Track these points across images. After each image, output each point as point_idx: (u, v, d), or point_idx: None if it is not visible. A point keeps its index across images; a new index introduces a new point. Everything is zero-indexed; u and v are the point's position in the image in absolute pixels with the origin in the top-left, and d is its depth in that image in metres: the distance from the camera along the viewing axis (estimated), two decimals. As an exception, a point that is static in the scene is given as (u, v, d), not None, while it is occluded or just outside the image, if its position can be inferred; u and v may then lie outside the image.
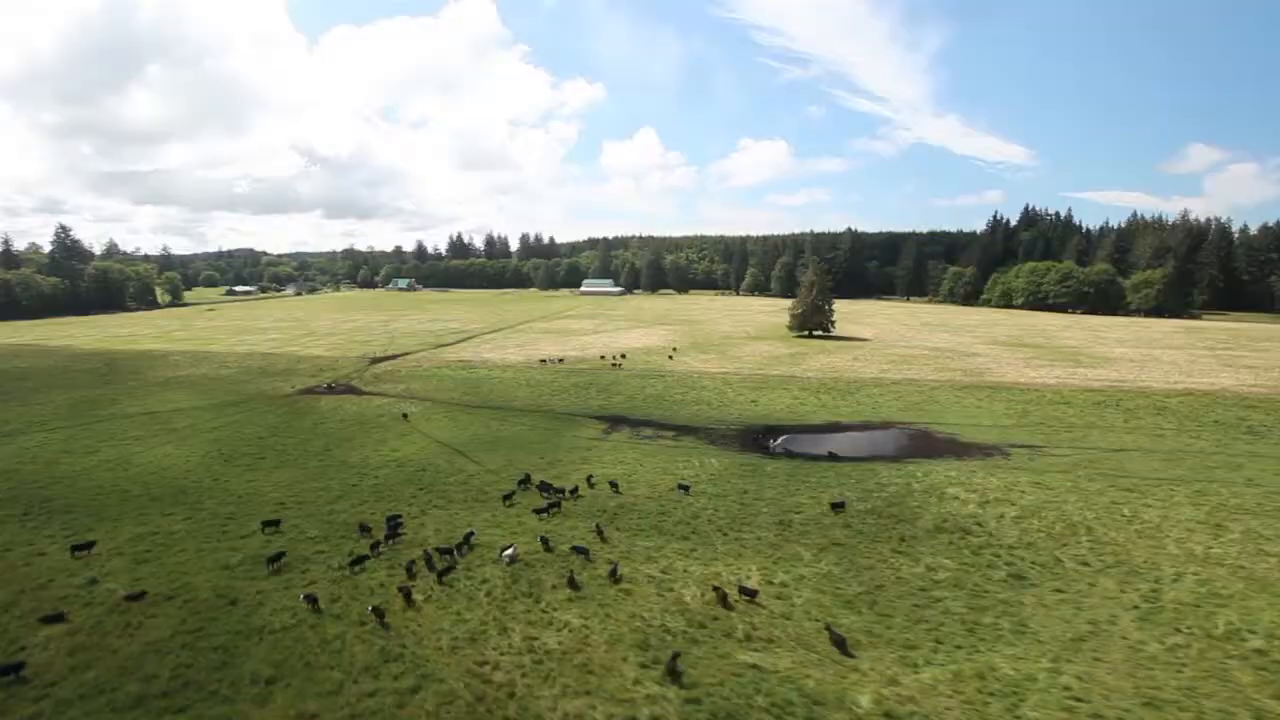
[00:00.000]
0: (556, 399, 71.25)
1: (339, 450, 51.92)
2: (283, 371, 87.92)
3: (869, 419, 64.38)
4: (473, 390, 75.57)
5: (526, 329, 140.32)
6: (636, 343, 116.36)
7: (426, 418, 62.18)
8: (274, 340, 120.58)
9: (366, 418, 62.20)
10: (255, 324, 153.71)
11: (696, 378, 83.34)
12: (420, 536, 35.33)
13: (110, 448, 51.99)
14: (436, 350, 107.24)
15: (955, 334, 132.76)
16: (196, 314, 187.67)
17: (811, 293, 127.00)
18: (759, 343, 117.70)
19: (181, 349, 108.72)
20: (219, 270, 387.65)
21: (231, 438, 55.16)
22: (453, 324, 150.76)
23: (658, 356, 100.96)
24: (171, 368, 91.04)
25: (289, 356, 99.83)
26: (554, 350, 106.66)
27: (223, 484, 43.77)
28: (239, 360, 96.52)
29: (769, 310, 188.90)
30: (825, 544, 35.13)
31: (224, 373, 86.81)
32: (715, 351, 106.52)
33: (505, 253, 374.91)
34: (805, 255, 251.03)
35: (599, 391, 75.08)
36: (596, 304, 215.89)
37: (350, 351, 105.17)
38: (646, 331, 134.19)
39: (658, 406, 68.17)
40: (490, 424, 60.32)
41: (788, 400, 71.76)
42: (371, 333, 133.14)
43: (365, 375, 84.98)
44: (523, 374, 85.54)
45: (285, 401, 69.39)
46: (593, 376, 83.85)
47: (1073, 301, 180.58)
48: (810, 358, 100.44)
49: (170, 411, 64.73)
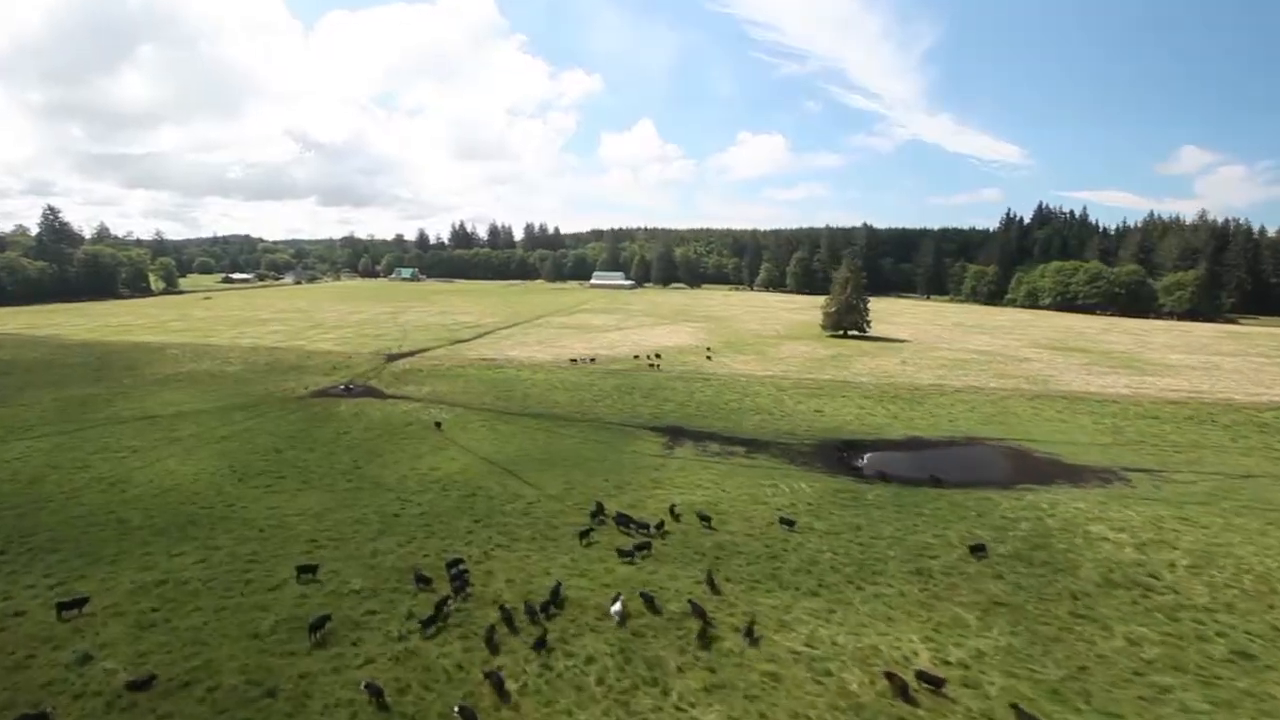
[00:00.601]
0: (601, 405, 64.63)
1: (370, 467, 45.19)
2: (292, 369, 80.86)
3: (951, 434, 58.12)
4: (505, 394, 68.82)
5: (545, 324, 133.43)
6: (666, 341, 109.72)
7: (462, 427, 55.45)
8: (279, 333, 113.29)
9: (394, 426, 55.42)
10: (256, 314, 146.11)
11: (745, 382, 76.87)
12: (491, 589, 28.78)
13: (104, 461, 45.07)
14: (455, 347, 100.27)
15: (993, 336, 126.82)
16: (193, 302, 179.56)
17: (846, 290, 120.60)
18: (794, 343, 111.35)
19: (179, 341, 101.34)
20: (214, 257, 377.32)
21: (243, 450, 48.30)
22: (465, 317, 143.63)
23: (693, 356, 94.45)
24: (170, 363, 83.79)
25: (297, 352, 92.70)
26: (581, 348, 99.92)
27: (239, 511, 37.01)
28: (243, 355, 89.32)
29: (791, 307, 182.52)
30: (985, 603, 28.81)
31: (228, 370, 79.66)
32: (752, 352, 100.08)
33: (509, 243, 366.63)
34: (821, 250, 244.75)
35: (644, 397, 68.51)
36: (610, 297, 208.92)
37: (362, 346, 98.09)
38: (672, 329, 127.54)
39: (715, 416, 61.68)
40: (535, 435, 53.67)
41: (853, 410, 65.42)
42: (381, 326, 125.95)
43: (383, 374, 78.05)
44: (555, 375, 78.81)
45: (299, 405, 62.49)
46: (632, 379, 77.23)
47: (1102, 303, 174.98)
48: (855, 360, 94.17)
49: (171, 416, 57.73)
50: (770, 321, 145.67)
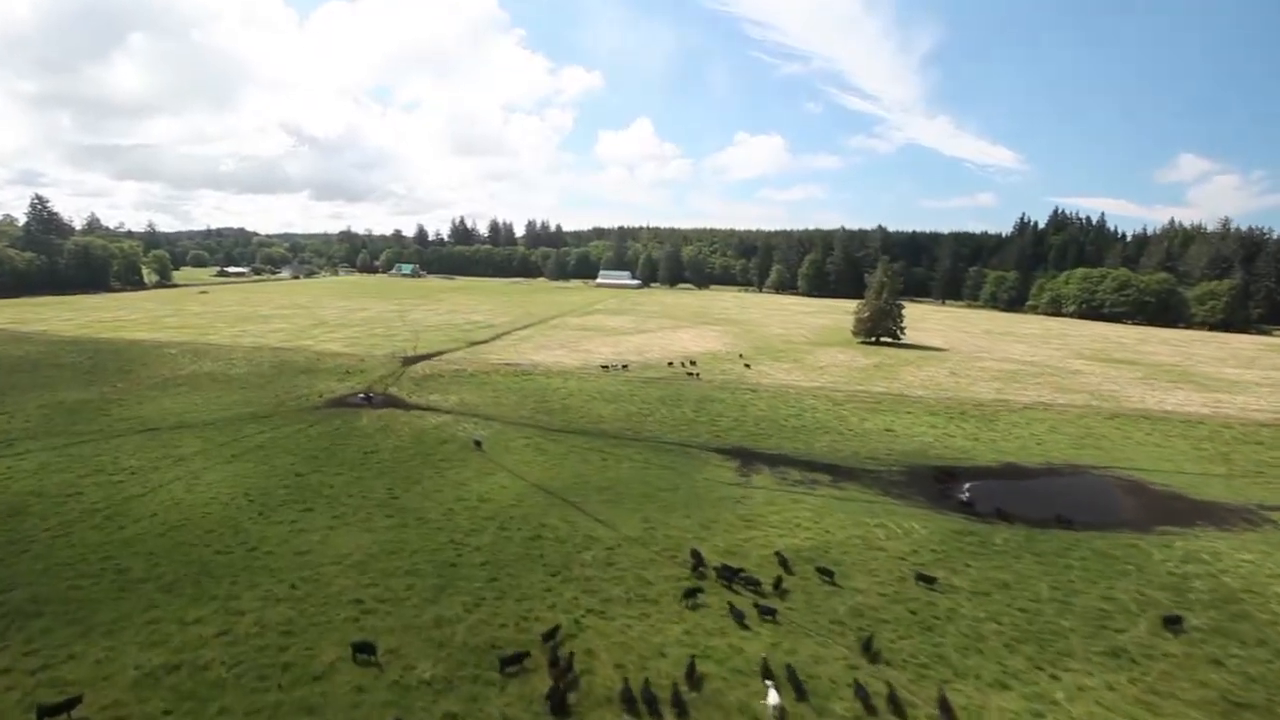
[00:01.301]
0: (651, 421, 58.44)
1: (409, 496, 38.86)
2: (302, 372, 74.23)
3: (1046, 459, 52.30)
4: (542, 405, 62.54)
5: (560, 325, 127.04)
6: (694, 346, 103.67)
7: (504, 446, 49.16)
8: (282, 332, 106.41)
9: (427, 443, 49.05)
10: (256, 310, 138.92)
11: (795, 394, 70.91)
12: (600, 677, 22.61)
13: (98, 487, 38.53)
14: (473, 349, 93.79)
15: (1031, 345, 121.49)
16: (188, 297, 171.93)
17: (881, 295, 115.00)
18: (828, 349, 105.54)
19: (177, 339, 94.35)
20: (208, 250, 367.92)
21: (259, 473, 41.85)
22: (476, 316, 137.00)
23: (729, 364, 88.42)
24: (168, 364, 76.96)
25: (305, 353, 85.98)
26: (608, 352, 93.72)
27: (263, 558, 30.64)
28: (247, 356, 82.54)
29: (808, 310, 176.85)
30: (1219, 702, 22.91)
31: (232, 373, 72.93)
32: (789, 360, 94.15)
33: (510, 240, 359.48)
34: (835, 253, 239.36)
35: (694, 411, 62.39)
36: (620, 297, 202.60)
37: (374, 348, 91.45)
38: (696, 332, 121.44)
39: (780, 435, 55.62)
40: (589, 458, 47.43)
41: (924, 428, 59.57)
42: (389, 325, 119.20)
43: (403, 381, 71.55)
44: (589, 383, 72.57)
45: (316, 417, 55.97)
46: (673, 389, 71.12)
47: (1130, 311, 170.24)
48: (901, 370, 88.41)
49: (173, 429, 51.13)
50: (793, 326, 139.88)
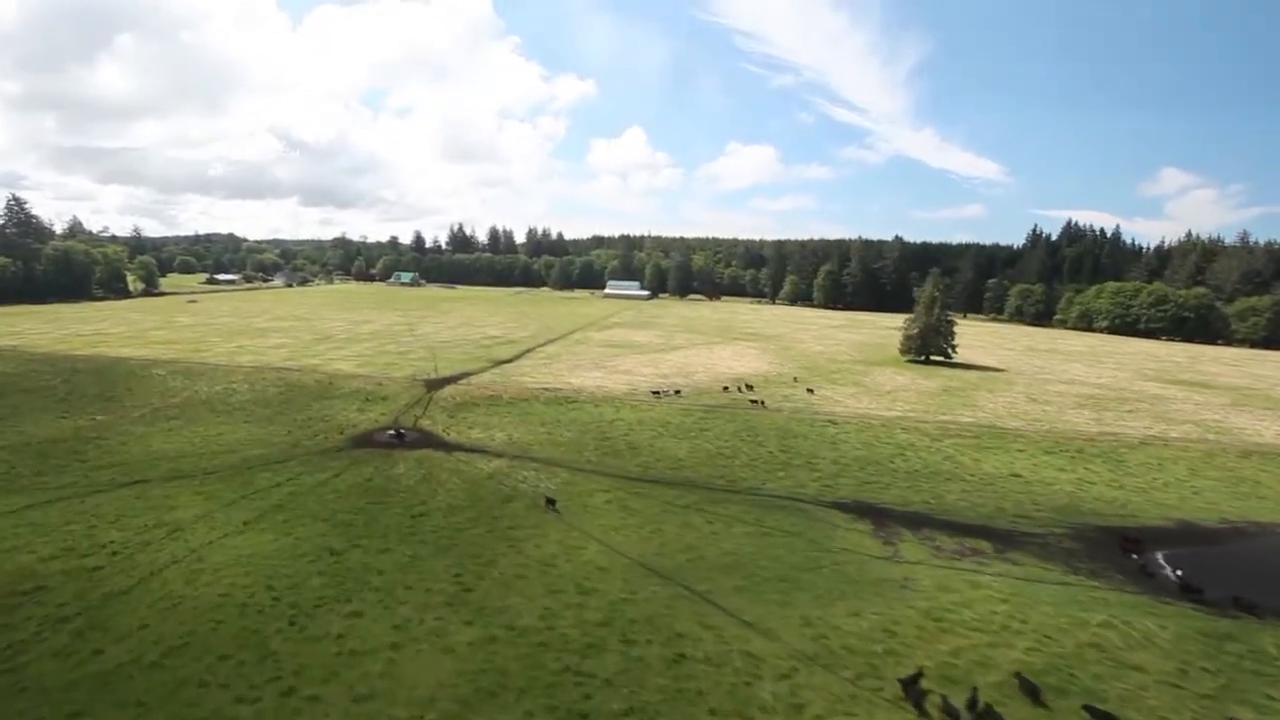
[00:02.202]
0: (739, 464, 49.43)
1: (486, 587, 29.54)
2: (315, 399, 64.58)
3: (1222, 515, 43.80)
4: (604, 442, 53.32)
5: (584, 340, 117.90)
6: (740, 366, 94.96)
7: (580, 503, 39.94)
8: (283, 348, 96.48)
9: (485, 500, 39.72)
10: (251, 322, 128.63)
11: (882, 427, 62.26)
12: None
13: (65, 578, 28.87)
14: (501, 370, 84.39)
15: (1087, 364, 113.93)
16: (176, 306, 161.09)
17: (933, 310, 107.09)
18: (881, 370, 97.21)
19: (167, 357, 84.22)
20: (195, 256, 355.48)
21: (283, 550, 32.34)
22: (491, 330, 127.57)
23: (786, 388, 79.73)
24: (157, 389, 67.01)
25: (314, 375, 76.23)
26: (651, 374, 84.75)
27: (305, 708, 21.25)
28: (248, 379, 72.68)
29: (836, 324, 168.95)
30: None
31: (233, 400, 63.11)
32: (848, 382, 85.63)
33: (510, 248, 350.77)
34: (851, 264, 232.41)
35: (781, 449, 53.49)
36: (634, 309, 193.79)
37: (391, 369, 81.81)
38: (733, 350, 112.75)
39: (895, 481, 46.83)
40: (690, 518, 38.33)
41: (1051, 472, 51.03)
42: (400, 340, 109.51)
43: (432, 410, 62.09)
44: (647, 413, 63.50)
45: (342, 462, 46.45)
46: (744, 420, 62.22)
47: (1169, 328, 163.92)
48: (975, 396, 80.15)
49: (166, 480, 41.43)
50: (829, 342, 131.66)
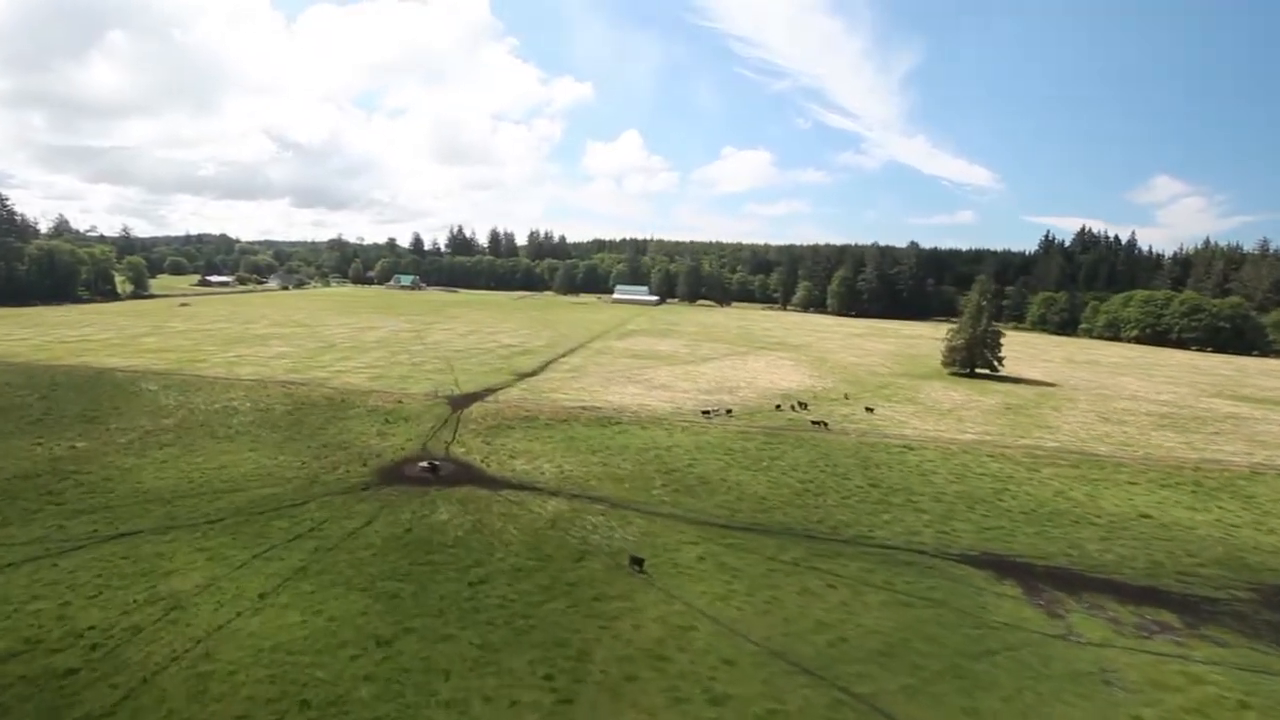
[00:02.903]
0: (831, 503, 42.37)
1: (589, 693, 22.25)
2: (329, 420, 57.09)
3: None
4: (670, 476, 46.12)
5: (606, 350, 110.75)
6: (781, 379, 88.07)
7: (670, 561, 32.74)
8: (285, 357, 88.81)
9: (555, 558, 32.45)
10: (248, 328, 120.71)
11: (966, 454, 55.42)
12: None
13: (24, 689, 21.44)
14: (527, 384, 77.05)
15: (1141, 379, 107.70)
16: (168, 309, 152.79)
17: (980, 321, 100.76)
18: (930, 384, 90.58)
19: (159, 368, 76.45)
20: (187, 257, 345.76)
21: (314, 638, 24.97)
22: (505, 338, 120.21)
23: (841, 405, 72.89)
24: (148, 406, 59.34)
25: (323, 389, 68.73)
26: (687, 388, 77.75)
27: None
28: (251, 395, 65.11)
29: (860, 332, 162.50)
30: None
31: (235, 422, 55.49)
32: (902, 399, 78.85)
33: (511, 250, 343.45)
34: (867, 269, 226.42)
35: (869, 481, 46.52)
36: (648, 316, 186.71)
37: (407, 381, 74.35)
38: (767, 362, 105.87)
39: (1016, 525, 39.89)
40: (808, 581, 31.22)
41: (1182, 512, 44.29)
42: (409, 349, 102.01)
43: (463, 433, 54.73)
44: (704, 438, 56.40)
45: (372, 504, 39.08)
46: (815, 446, 55.23)
47: (1203, 338, 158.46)
48: (1044, 415, 73.59)
49: (161, 529, 33.95)
50: (859, 352, 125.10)
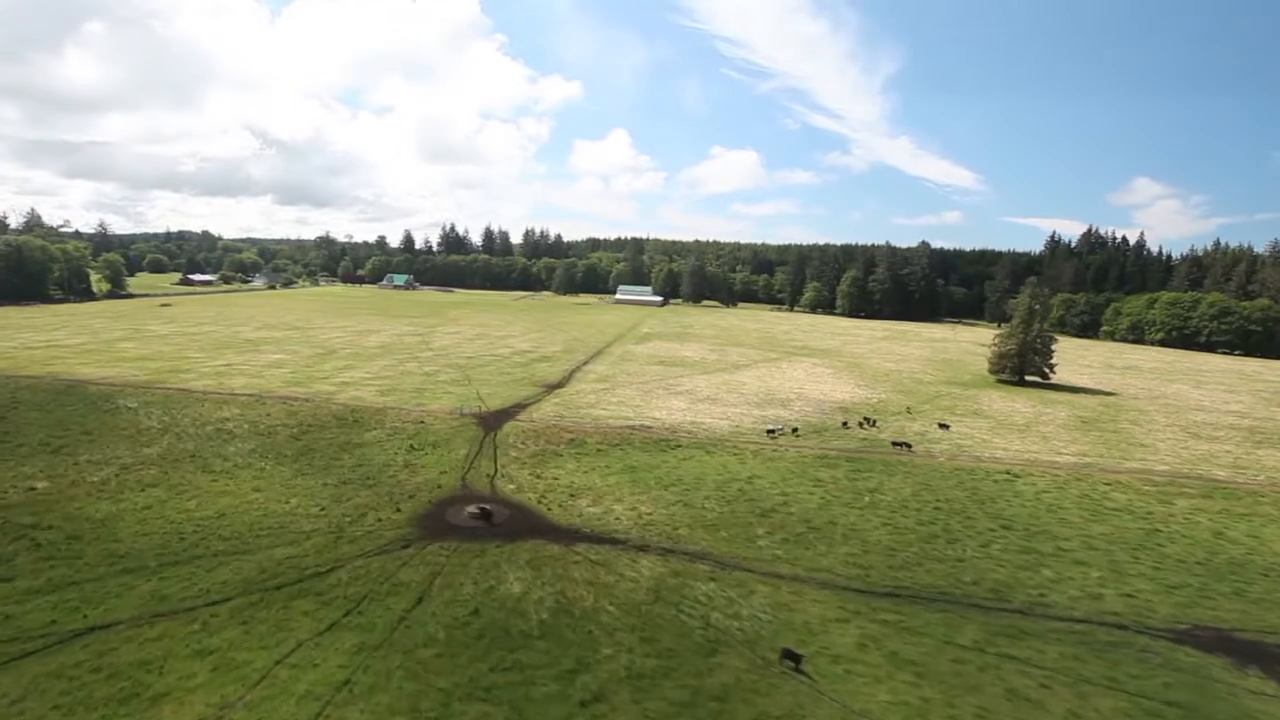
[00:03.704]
0: (973, 555, 34.77)
1: None
2: (343, 448, 48.54)
3: None
4: (768, 519, 38.26)
5: (629, 357, 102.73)
6: (834, 391, 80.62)
7: (824, 651, 24.96)
8: (281, 365, 79.83)
9: (680, 654, 24.48)
10: (237, 332, 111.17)
11: (1088, 484, 48.20)
12: None
13: None
14: (559, 398, 68.78)
15: (1196, 386, 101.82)
16: (148, 310, 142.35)
17: (1033, 325, 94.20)
18: (986, 394, 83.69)
19: (139, 379, 67.30)
20: (167, 254, 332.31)
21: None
22: (516, 343, 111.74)
23: (906, 420, 65.72)
24: (126, 430, 50.43)
25: (330, 407, 60.07)
26: (735, 400, 70.07)
27: None
28: (246, 413, 56.32)
29: (882, 335, 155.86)
30: None
31: (233, 452, 46.71)
32: (966, 412, 71.80)
33: (506, 249, 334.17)
34: (878, 270, 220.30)
35: (998, 522, 39.06)
36: (656, 318, 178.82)
37: (425, 396, 65.80)
38: (805, 370, 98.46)
39: (1214, 584, 32.57)
40: (1013, 681, 23.53)
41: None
42: (417, 356, 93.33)
43: (505, 461, 46.46)
44: (780, 464, 48.65)
45: (420, 570, 30.83)
46: (909, 474, 47.71)
47: (1232, 341, 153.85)
48: (1121, 429, 67.07)
49: (146, 619, 25.50)
50: (892, 357, 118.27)
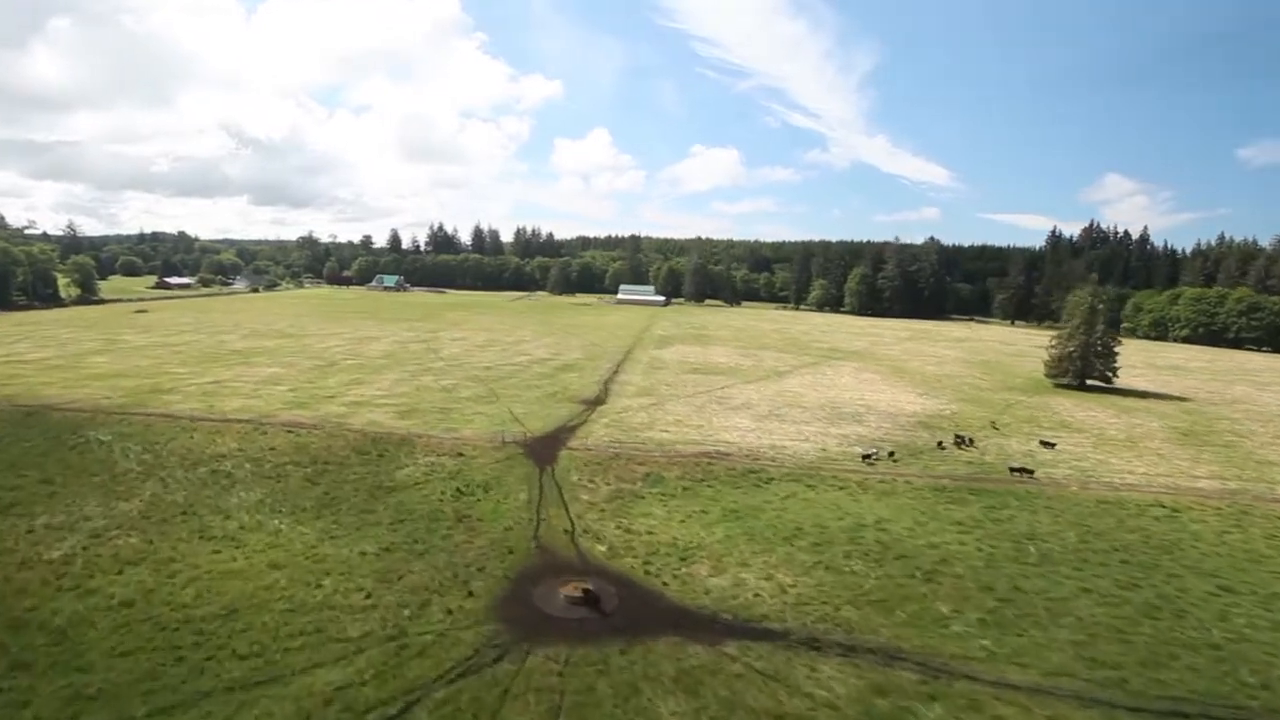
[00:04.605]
0: (1217, 638, 27.03)
1: None
2: (372, 493, 39.64)
3: None
4: (944, 591, 30.10)
5: (660, 364, 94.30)
6: (896, 401, 72.92)
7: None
8: (278, 382, 70.28)
9: None
10: (222, 341, 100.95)
11: (1262, 521, 40.92)
12: None
13: None
14: (607, 418, 60.11)
15: (1256, 388, 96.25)
16: (123, 317, 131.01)
17: (1095, 326, 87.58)
18: (1059, 401, 76.71)
19: (113, 403, 57.58)
20: (141, 256, 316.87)
21: None
22: (531, 349, 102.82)
23: (996, 436, 58.14)
24: (99, 478, 41.01)
25: (345, 435, 50.92)
26: (802, 416, 62.02)
27: None
28: (245, 445, 47.05)
29: (907, 335, 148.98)
30: None
31: (231, 503, 37.53)
32: (1048, 423, 64.63)
33: (497, 248, 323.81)
34: (888, 266, 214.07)
35: (1216, 584, 31.35)
36: (666, 319, 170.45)
37: (453, 418, 56.78)
38: (853, 376, 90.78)
39: None
40: None
41: None
42: (429, 368, 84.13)
43: (582, 512, 37.85)
44: (901, 500, 40.64)
45: (533, 711, 22.35)
46: (1056, 513, 39.96)
47: (1263, 337, 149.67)
48: (1231, 441, 60.48)
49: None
50: (928, 359, 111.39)
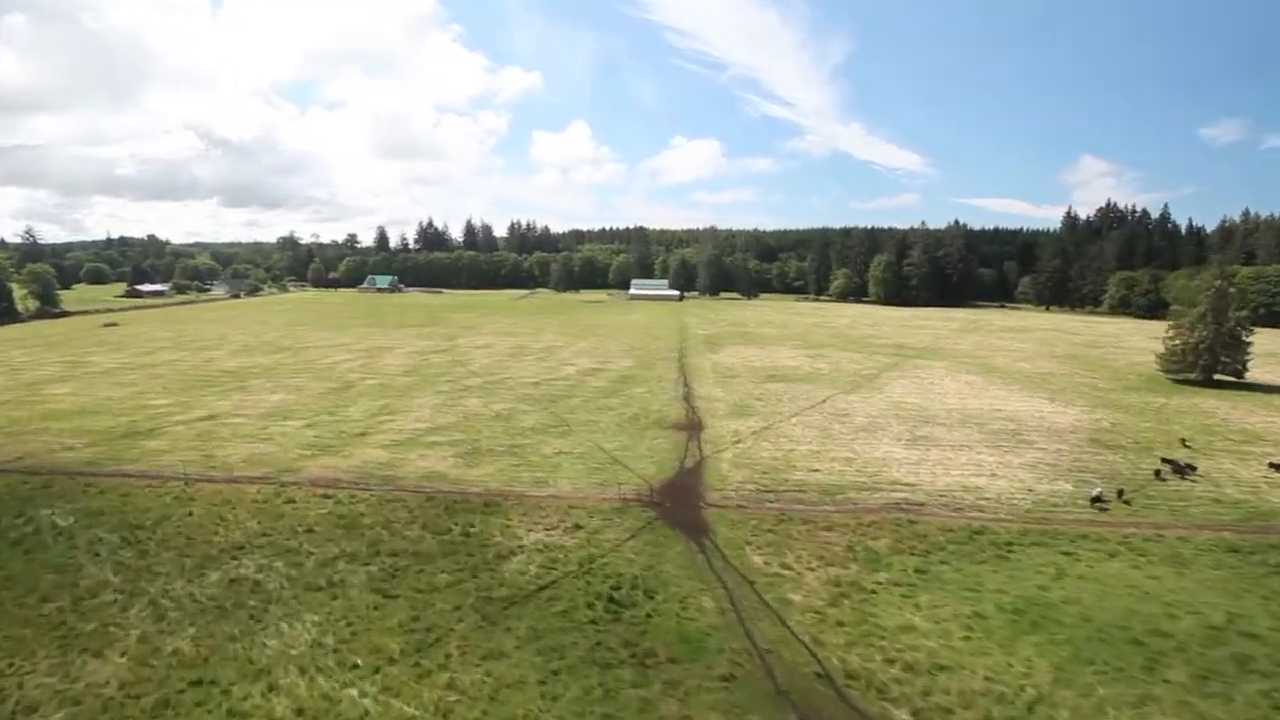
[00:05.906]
0: None
1: None
2: (479, 612, 26.78)
3: None
4: None
5: (730, 373, 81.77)
6: (1046, 413, 61.17)
7: None
8: (289, 414, 56.66)
9: None
10: (210, 359, 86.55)
11: None
12: None
13: None
14: (725, 450, 47.33)
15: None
16: (90, 333, 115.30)
17: (1226, 313, 76.81)
18: (1207, 402, 65.91)
19: (79, 459, 43.77)
20: (109, 263, 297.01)
21: None
22: (569, 357, 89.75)
23: (1200, 457, 46.74)
24: (44, 618, 27.65)
25: (403, 500, 37.92)
26: (951, 437, 50.05)
27: None
28: (267, 528, 33.83)
29: (957, 326, 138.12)
30: None
31: (269, 657, 24.44)
32: (1234, 436, 53.46)
33: (491, 244, 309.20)
34: (914, 253, 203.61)
35: None
36: (693, 315, 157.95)
37: (534, 464, 43.86)
38: (943, 376, 78.92)
39: None
40: None
41: None
42: (466, 385, 70.81)
43: (798, 619, 25.44)
44: (1202, 577, 28.73)
45: None
46: None
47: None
48: None
49: None
50: (1007, 354, 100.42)
